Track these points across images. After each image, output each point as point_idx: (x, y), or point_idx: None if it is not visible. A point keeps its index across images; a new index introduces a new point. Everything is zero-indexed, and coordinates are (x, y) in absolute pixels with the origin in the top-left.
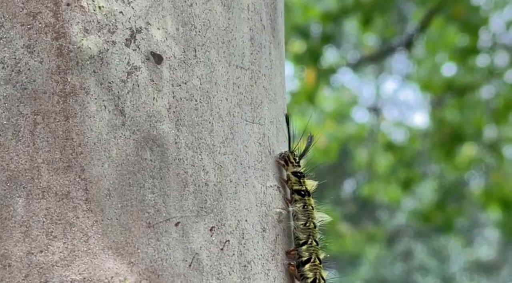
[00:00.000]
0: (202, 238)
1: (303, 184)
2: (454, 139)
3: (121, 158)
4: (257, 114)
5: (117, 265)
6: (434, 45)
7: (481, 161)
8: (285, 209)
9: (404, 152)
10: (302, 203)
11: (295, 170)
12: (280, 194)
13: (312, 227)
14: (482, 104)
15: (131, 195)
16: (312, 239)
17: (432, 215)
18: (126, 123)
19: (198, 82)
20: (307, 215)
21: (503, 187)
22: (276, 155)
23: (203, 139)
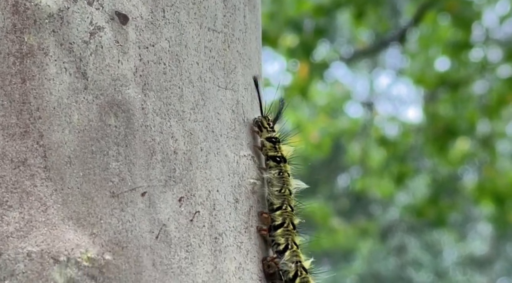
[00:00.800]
0: (170, 209)
1: (279, 150)
2: (447, 134)
3: (83, 124)
4: (230, 80)
5: (78, 236)
6: (427, 40)
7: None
8: (259, 179)
9: (397, 146)
10: (278, 169)
11: (269, 136)
12: (254, 164)
13: (287, 194)
14: (475, 99)
15: (93, 163)
16: (287, 204)
17: (425, 210)
18: (88, 87)
19: (166, 44)
20: (283, 182)
21: (496, 181)
22: (250, 122)
23: (172, 105)
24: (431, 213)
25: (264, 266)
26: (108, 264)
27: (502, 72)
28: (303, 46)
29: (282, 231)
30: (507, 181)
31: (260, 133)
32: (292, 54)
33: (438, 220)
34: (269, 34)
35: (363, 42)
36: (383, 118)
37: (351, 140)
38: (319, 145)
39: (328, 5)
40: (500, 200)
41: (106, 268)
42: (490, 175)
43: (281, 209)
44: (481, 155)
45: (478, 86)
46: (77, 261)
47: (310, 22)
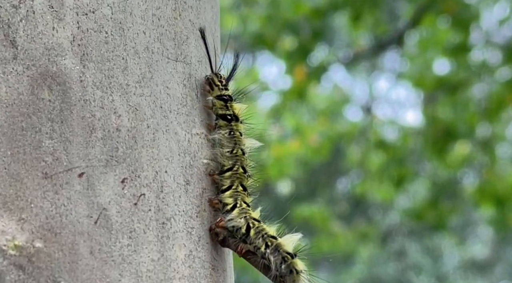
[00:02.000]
0: (111, 191)
1: (230, 108)
2: (447, 137)
3: (12, 98)
4: (182, 52)
5: (4, 222)
6: (426, 42)
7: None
8: (213, 160)
9: (396, 150)
10: (228, 129)
11: (220, 94)
12: (208, 143)
13: (240, 154)
14: (475, 102)
15: (24, 141)
16: (239, 165)
17: (425, 214)
18: (18, 57)
19: (109, 11)
20: (234, 142)
21: (496, 184)
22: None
23: (114, 78)
24: (431, 216)
25: (212, 236)
26: (38, 253)
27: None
28: (301, 49)
29: (230, 192)
30: (507, 184)
31: (211, 91)
32: (289, 57)
33: (438, 223)
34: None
35: (361, 45)
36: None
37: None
38: (319, 149)
39: (325, 7)
40: (500, 203)
41: (36, 257)
42: (490, 178)
43: (231, 170)
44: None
45: (478, 89)
46: (2, 249)
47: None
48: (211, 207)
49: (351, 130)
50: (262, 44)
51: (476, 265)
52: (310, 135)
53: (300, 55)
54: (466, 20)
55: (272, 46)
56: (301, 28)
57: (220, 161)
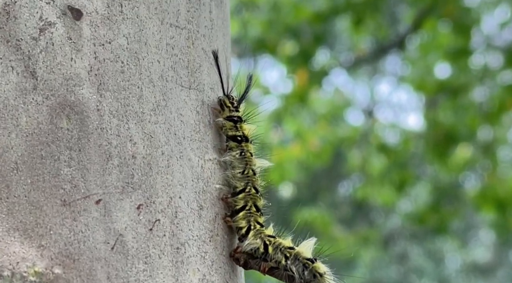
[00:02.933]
0: (127, 217)
1: (240, 129)
2: (448, 141)
3: (32, 127)
4: (195, 79)
5: (25, 249)
6: (427, 46)
7: (476, 163)
8: (226, 185)
9: (398, 154)
10: (239, 150)
11: (230, 115)
12: (220, 169)
13: (251, 175)
14: (476, 105)
15: (43, 169)
16: (250, 186)
17: (427, 217)
18: (38, 87)
19: (124, 41)
20: (245, 163)
21: (497, 188)
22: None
23: (130, 106)
24: (432, 220)
25: (234, 261)
26: (57, 279)
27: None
28: (302, 53)
29: (243, 214)
30: (508, 187)
31: (221, 112)
32: (291, 61)
33: (440, 227)
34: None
35: (362, 49)
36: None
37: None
38: (320, 153)
39: (326, 12)
40: (502, 206)
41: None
42: (492, 182)
43: (244, 191)
44: (483, 162)
45: (479, 92)
46: (23, 276)
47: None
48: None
49: (352, 134)
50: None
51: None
52: (311, 139)
53: (301, 59)
54: (467, 24)
55: (274, 50)
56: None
57: (232, 183)
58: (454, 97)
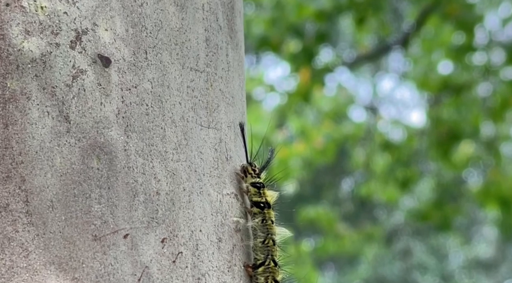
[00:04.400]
0: (152, 251)
1: (263, 195)
2: (451, 138)
3: (66, 167)
4: (213, 119)
5: (60, 281)
6: (430, 43)
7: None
8: (242, 217)
9: (401, 151)
10: (261, 217)
11: (254, 181)
12: (237, 202)
13: (271, 245)
14: (479, 102)
15: (76, 207)
16: (270, 259)
17: (430, 214)
18: (71, 130)
19: (149, 85)
20: (266, 231)
21: (501, 185)
22: (236, 167)
23: (154, 146)
24: (436, 217)
25: None
26: None
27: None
28: (305, 51)
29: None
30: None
31: (245, 178)
32: (294, 59)
33: (443, 224)
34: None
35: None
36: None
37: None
38: (324, 150)
39: (329, 10)
40: (505, 203)
41: None
42: (495, 178)
43: (263, 265)
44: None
45: (482, 89)
46: None
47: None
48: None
49: (356, 132)
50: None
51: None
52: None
53: (304, 57)
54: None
55: (277, 48)
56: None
57: (254, 254)
58: (457, 94)
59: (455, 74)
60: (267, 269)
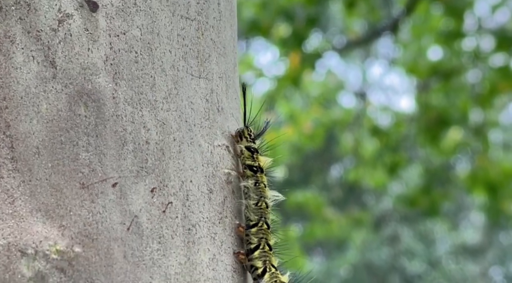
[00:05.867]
0: (142, 200)
1: (256, 159)
2: (440, 124)
3: (52, 114)
4: (204, 69)
5: (47, 228)
6: (420, 29)
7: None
8: (234, 170)
9: (390, 136)
10: (254, 180)
11: (248, 145)
12: (229, 154)
13: (264, 207)
14: (468, 88)
15: (63, 154)
16: (263, 221)
17: (418, 200)
18: (57, 76)
19: (138, 32)
20: (259, 193)
21: (488, 171)
22: (227, 118)
23: (144, 94)
24: (424, 202)
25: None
26: (77, 257)
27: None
28: (295, 35)
29: (259, 253)
30: (499, 170)
31: (240, 141)
32: (284, 43)
33: (431, 209)
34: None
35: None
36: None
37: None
38: (312, 135)
39: None
40: (493, 189)
41: (75, 261)
42: (483, 164)
43: (257, 226)
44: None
45: (471, 75)
46: (46, 254)
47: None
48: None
49: (344, 117)
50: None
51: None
52: (304, 122)
53: (294, 41)
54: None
55: (267, 32)
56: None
57: (247, 214)
58: (446, 80)
59: (445, 60)
60: (260, 231)
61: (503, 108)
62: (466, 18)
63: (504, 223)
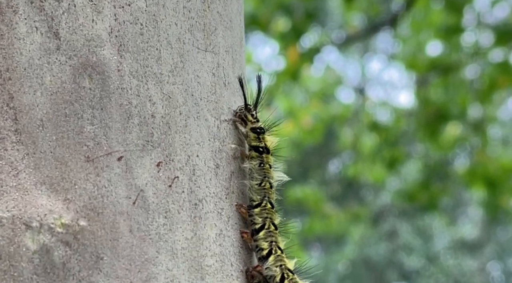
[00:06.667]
0: (148, 174)
1: (262, 140)
2: (439, 119)
3: (56, 86)
4: (211, 42)
5: (51, 201)
6: (419, 24)
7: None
8: (241, 145)
9: (389, 132)
10: (259, 160)
11: (254, 127)
12: (235, 129)
13: (267, 188)
14: (467, 84)
15: (67, 127)
16: (267, 200)
17: (417, 195)
18: (61, 47)
19: (143, 4)
20: (263, 174)
21: (487, 166)
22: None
23: (149, 67)
24: (422, 197)
25: (248, 277)
26: (83, 230)
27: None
28: (294, 30)
29: (264, 234)
30: (498, 165)
31: (244, 124)
32: (283, 38)
33: (429, 204)
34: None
35: (354, 27)
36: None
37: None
38: (311, 130)
39: None
40: (491, 184)
41: (80, 234)
42: (482, 160)
43: (260, 206)
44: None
45: (470, 70)
46: (50, 227)
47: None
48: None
49: (344, 112)
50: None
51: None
52: (303, 117)
53: (293, 36)
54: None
55: (266, 27)
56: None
57: (249, 194)
58: (445, 75)
59: (444, 55)
60: (264, 210)
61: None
62: (466, 13)
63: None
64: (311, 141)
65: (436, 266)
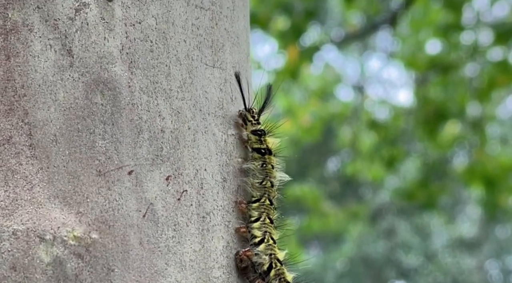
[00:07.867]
0: (157, 188)
1: (264, 142)
2: (438, 117)
3: (69, 102)
4: (218, 58)
5: (64, 215)
6: (418, 23)
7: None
8: (247, 158)
9: (388, 130)
10: (261, 161)
11: (254, 129)
12: (242, 143)
13: (268, 186)
14: (466, 82)
15: (80, 141)
16: (266, 197)
17: (415, 193)
18: (74, 64)
19: (153, 21)
20: (265, 174)
21: (485, 164)
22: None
23: (159, 83)
24: (421, 196)
25: (236, 260)
26: (94, 243)
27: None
28: (294, 28)
29: (259, 224)
30: (496, 164)
31: (245, 126)
32: (282, 36)
33: (428, 203)
34: (259, 17)
35: (354, 25)
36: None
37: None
38: (310, 129)
39: None
40: (490, 183)
41: (92, 247)
42: (480, 158)
43: (258, 201)
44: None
45: (469, 69)
46: (64, 240)
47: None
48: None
49: (343, 110)
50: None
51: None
52: (302, 115)
53: (292, 34)
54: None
55: (265, 25)
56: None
57: (249, 191)
58: (444, 74)
59: (443, 53)
60: (262, 206)
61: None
62: (465, 12)
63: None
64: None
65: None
